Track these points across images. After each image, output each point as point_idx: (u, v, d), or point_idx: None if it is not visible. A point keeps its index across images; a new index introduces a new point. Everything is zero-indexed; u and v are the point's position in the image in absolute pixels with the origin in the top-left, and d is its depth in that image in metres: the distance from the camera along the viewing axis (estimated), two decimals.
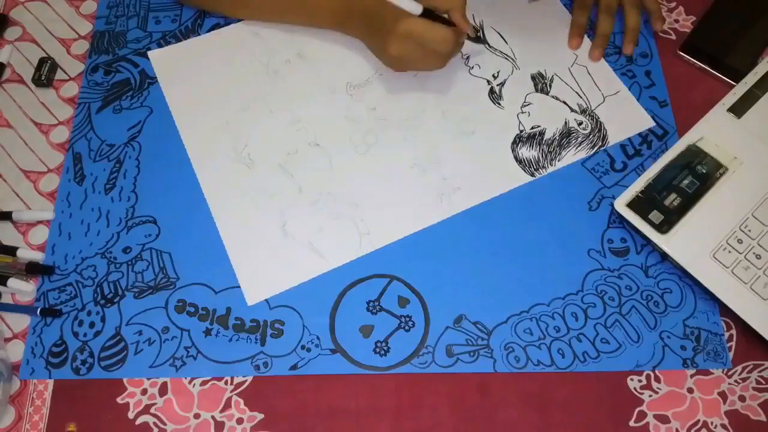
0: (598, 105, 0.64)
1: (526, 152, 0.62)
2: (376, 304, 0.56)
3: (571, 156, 0.62)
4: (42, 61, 0.68)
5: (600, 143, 0.62)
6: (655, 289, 0.56)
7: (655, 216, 0.56)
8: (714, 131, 0.59)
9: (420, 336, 0.55)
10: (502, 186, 0.60)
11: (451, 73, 0.65)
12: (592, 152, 0.61)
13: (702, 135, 0.59)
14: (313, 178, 0.61)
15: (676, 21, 0.69)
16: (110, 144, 0.64)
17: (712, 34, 0.66)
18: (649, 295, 0.56)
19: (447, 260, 0.58)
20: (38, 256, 0.59)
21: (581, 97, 0.64)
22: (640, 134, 0.63)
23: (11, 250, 0.59)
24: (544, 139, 0.62)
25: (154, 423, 0.53)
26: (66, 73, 0.69)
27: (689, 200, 0.57)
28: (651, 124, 0.63)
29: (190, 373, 0.54)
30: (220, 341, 0.55)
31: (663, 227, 0.56)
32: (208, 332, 0.55)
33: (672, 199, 0.57)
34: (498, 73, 0.66)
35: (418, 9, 0.56)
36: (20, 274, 0.57)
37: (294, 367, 0.54)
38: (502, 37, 0.68)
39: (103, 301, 0.57)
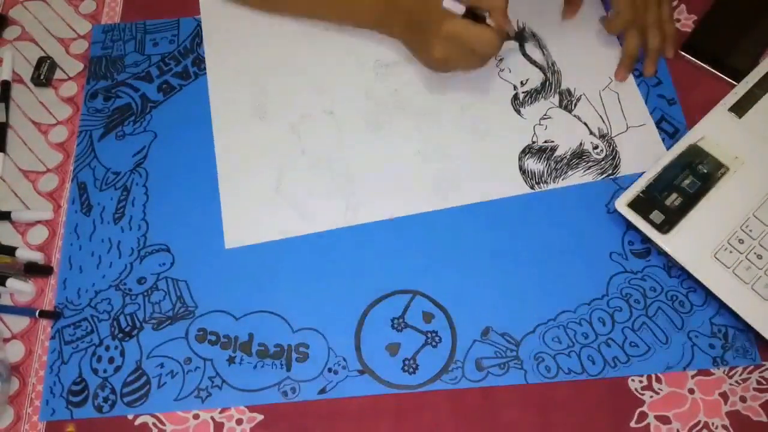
0: (619, 133, 0.62)
1: (533, 164, 0.61)
2: (401, 320, 0.55)
3: (577, 177, 0.60)
4: (41, 61, 0.68)
5: (610, 171, 0.60)
6: (680, 289, 0.56)
7: (656, 216, 0.56)
8: (715, 131, 0.59)
9: (448, 351, 0.54)
10: (499, 191, 0.60)
11: (479, 72, 0.64)
12: (599, 178, 0.60)
13: (703, 135, 0.59)
14: (318, 144, 0.63)
15: (678, 20, 0.68)
16: (115, 172, 0.62)
17: (713, 34, 0.66)
18: (673, 295, 0.56)
19: (468, 272, 0.57)
20: (37, 256, 0.58)
21: (604, 122, 0.63)
22: None
23: (10, 250, 0.58)
24: (554, 155, 0.61)
25: (154, 423, 0.52)
26: (65, 72, 0.68)
27: (690, 200, 0.57)
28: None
29: (217, 403, 0.53)
30: (245, 369, 0.54)
31: (664, 227, 0.56)
32: (231, 360, 0.54)
33: (673, 199, 0.57)
34: (526, 80, 0.65)
35: (461, 10, 0.56)
36: (19, 274, 0.57)
37: (322, 391, 0.53)
38: (540, 47, 0.67)
39: (121, 335, 0.55)
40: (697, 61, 0.65)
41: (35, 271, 0.58)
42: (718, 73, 0.65)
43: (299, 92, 0.65)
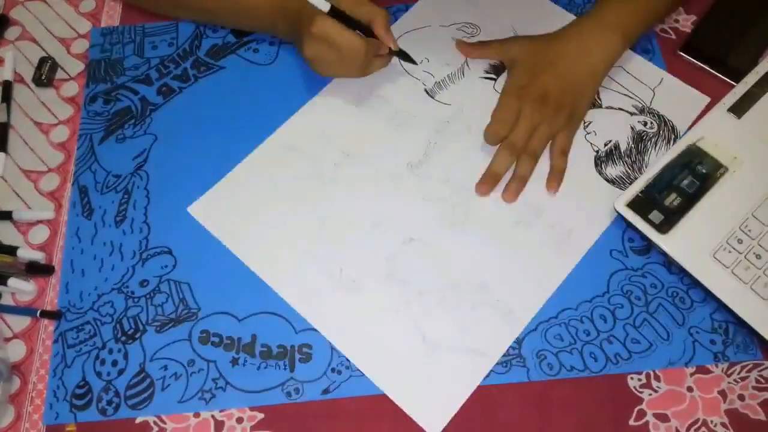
0: (652, 99, 0.63)
1: (612, 170, 0.60)
2: None
3: (654, 157, 0.61)
4: (42, 61, 0.68)
5: (673, 135, 0.61)
6: (680, 285, 0.56)
7: (656, 216, 0.56)
8: (714, 131, 0.59)
9: None
10: (605, 218, 0.58)
11: None
12: (670, 147, 0.60)
13: (702, 135, 0.59)
14: (426, 276, 0.56)
15: (676, 21, 0.69)
16: (116, 174, 0.62)
17: (712, 35, 0.66)
18: (674, 291, 0.56)
19: None
20: (38, 256, 0.59)
21: (633, 98, 0.63)
22: None
23: (11, 250, 0.58)
24: (622, 151, 0.61)
25: (154, 422, 0.53)
26: (66, 72, 0.68)
27: (689, 200, 0.57)
28: (707, 100, 0.63)
29: (221, 405, 0.53)
30: (248, 370, 0.54)
31: (663, 227, 0.56)
32: (235, 362, 0.54)
33: (672, 199, 0.57)
34: None
35: (325, 6, 0.55)
36: (20, 273, 0.57)
37: (326, 391, 0.53)
38: None
39: (124, 338, 0.55)
40: (696, 61, 0.66)
41: (37, 270, 0.58)
42: (718, 74, 0.65)
43: (367, 240, 0.58)
